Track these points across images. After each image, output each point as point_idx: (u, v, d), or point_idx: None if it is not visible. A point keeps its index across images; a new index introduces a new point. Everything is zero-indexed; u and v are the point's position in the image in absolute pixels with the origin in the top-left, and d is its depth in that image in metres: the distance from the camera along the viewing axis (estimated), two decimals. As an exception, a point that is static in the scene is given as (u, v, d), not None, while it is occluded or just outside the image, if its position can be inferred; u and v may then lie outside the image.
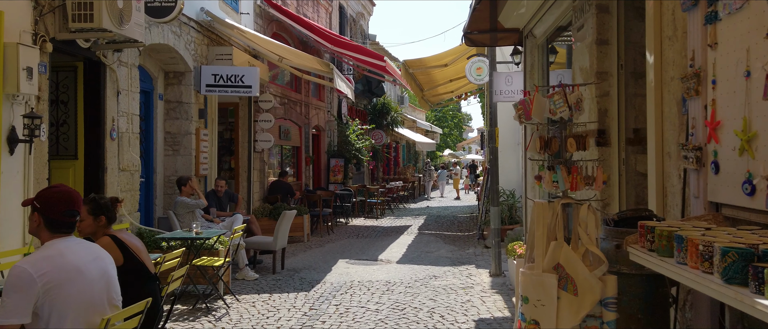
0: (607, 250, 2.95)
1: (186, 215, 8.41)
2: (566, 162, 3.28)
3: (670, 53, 3.44)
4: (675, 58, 3.37)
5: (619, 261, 2.92)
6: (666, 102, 3.47)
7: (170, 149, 9.43)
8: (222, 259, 6.93)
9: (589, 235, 2.77)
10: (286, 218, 9.18)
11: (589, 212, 2.79)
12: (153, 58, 9.04)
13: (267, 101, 12.45)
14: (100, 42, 6.44)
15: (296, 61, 11.08)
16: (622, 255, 2.88)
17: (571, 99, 3.18)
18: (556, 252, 2.79)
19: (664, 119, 3.49)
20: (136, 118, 7.66)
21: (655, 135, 3.51)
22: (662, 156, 3.48)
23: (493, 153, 8.66)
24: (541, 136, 3.42)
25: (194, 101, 9.59)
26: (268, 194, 13.19)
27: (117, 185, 7.07)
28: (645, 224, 2.61)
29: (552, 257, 2.80)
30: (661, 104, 3.50)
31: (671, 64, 3.42)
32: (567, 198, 3.09)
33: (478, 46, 8.22)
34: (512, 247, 7.56)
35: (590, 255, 2.80)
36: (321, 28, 14.05)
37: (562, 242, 2.82)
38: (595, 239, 2.79)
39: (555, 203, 2.91)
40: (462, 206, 22.65)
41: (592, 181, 3.11)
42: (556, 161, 3.27)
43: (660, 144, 3.48)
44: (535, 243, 2.84)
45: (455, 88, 17.28)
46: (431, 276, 8.65)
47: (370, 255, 10.73)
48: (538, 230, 2.84)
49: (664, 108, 3.50)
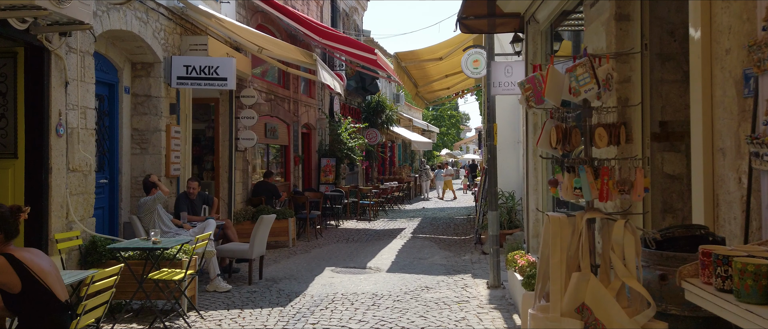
0: (647, 282, 2.13)
1: (149, 218, 7.59)
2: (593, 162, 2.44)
3: (724, 18, 2.62)
4: (732, 23, 2.56)
5: (666, 297, 2.11)
6: (718, 83, 2.66)
7: (138, 147, 8.60)
8: (183, 272, 6.10)
9: (627, 265, 1.95)
10: (263, 223, 8.35)
11: (626, 231, 1.98)
12: (117, 47, 8.21)
13: (249, 96, 11.61)
14: (40, 23, 5.60)
15: (277, 51, 10.25)
16: (671, 291, 2.07)
17: (600, 73, 2.36)
18: (580, 287, 1.98)
19: (714, 106, 2.68)
20: (91, 112, 6.82)
21: (702, 127, 2.69)
22: (712, 154, 2.66)
23: (491, 152, 7.84)
24: (559, 125, 2.58)
25: (165, 95, 8.76)
26: (251, 196, 12.36)
27: (65, 187, 6.24)
28: (712, 252, 1.79)
29: (574, 294, 2.00)
30: (711, 86, 2.69)
31: (726, 31, 2.60)
32: (594, 211, 2.27)
33: (474, 32, 7.42)
34: (512, 257, 6.74)
35: (628, 292, 1.99)
36: (309, 19, 13.21)
37: (588, 274, 2.01)
38: (635, 269, 1.98)
39: (577, 219, 2.10)
40: (459, 208, 21.83)
41: (629, 188, 2.29)
42: (579, 161, 2.43)
43: (709, 139, 2.66)
44: (551, 274, 2.04)
45: (451, 84, 16.49)
46: (423, 287, 7.83)
47: (359, 262, 9.91)
48: (555, 255, 2.04)
49: (714, 91, 2.68)
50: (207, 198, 9.22)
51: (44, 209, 5.93)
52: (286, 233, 11.50)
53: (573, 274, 2.00)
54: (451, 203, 24.82)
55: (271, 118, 13.66)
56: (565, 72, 2.57)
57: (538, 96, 2.77)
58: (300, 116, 15.66)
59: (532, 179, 7.01)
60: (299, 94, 15.83)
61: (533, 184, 7.00)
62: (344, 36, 13.80)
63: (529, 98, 2.88)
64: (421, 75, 14.12)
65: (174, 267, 6.42)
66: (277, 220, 11.16)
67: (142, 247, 6.05)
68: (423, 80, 14.82)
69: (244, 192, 12.16)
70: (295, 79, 15.35)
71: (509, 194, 11.11)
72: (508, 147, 11.33)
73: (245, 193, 12.22)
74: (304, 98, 16.22)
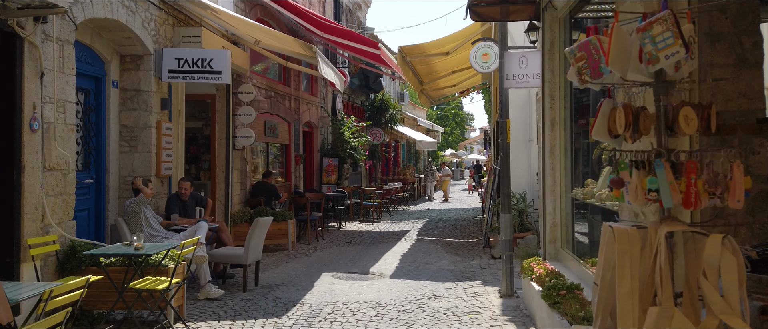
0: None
1: (135, 221, 7.07)
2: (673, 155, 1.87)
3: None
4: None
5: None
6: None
7: (126, 144, 8.07)
8: (167, 281, 5.56)
9: (725, 296, 1.41)
10: (259, 226, 7.82)
11: (725, 251, 1.44)
12: (104, 38, 7.69)
13: (247, 92, 11.09)
14: (9, 6, 5.08)
15: (275, 44, 9.72)
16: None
17: (685, 31, 1.82)
18: (660, 325, 1.44)
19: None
20: (70, 106, 6.30)
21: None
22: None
23: (503, 150, 7.28)
24: (628, 104, 1.99)
25: (155, 90, 8.23)
26: (249, 197, 11.83)
27: (41, 187, 5.71)
28: None
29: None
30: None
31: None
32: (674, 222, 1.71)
33: (485, 21, 6.87)
34: (528, 265, 6.19)
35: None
36: (310, 12, 12.67)
37: (671, 309, 1.47)
38: (738, 303, 1.43)
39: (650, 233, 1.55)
40: (464, 209, 21.26)
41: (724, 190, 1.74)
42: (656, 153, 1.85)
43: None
44: (619, 308, 1.49)
45: (458, 81, 15.93)
46: (430, 296, 7.28)
47: (361, 267, 9.37)
48: (624, 282, 1.49)
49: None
50: (200, 199, 8.69)
51: (16, 211, 5.41)
52: (285, 236, 10.97)
53: (650, 309, 1.47)
54: (455, 204, 24.25)
55: (271, 116, 13.13)
56: (635, 33, 2.00)
57: (595, 67, 2.17)
58: (301, 114, 15.13)
59: (550, 179, 6.45)
60: (300, 91, 15.30)
61: (550, 185, 6.45)
62: (346, 30, 13.26)
63: (582, 70, 2.26)
64: (426, 71, 13.55)
65: (160, 274, 5.89)
66: (276, 222, 10.64)
67: (122, 253, 5.52)
68: (428, 77, 14.25)
69: (242, 193, 11.64)
70: (297, 76, 14.82)
71: (520, 195, 10.56)
72: (518, 146, 10.78)
73: (243, 194, 11.70)
74: (305, 96, 15.70)
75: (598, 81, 2.27)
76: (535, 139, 10.22)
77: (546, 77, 6.46)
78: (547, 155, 6.49)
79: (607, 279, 1.64)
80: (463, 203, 24.40)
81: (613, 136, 2.09)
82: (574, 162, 6.32)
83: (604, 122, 2.11)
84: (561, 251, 6.39)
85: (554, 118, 6.41)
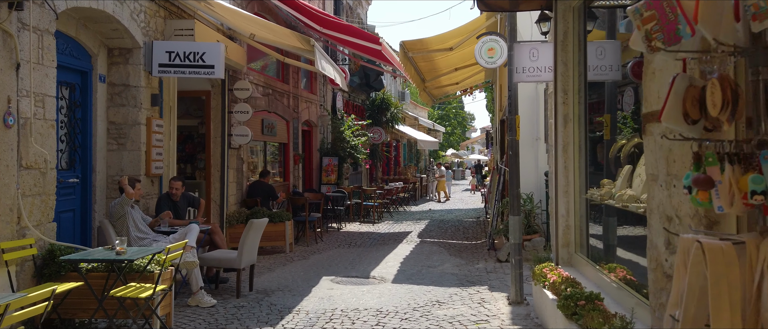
0: None
1: (121, 222, 6.67)
2: None
3: None
4: None
5: None
6: None
7: (114, 142, 7.67)
8: (151, 288, 5.15)
9: None
10: (254, 228, 7.42)
11: None
12: (90, 30, 7.28)
13: (243, 88, 10.69)
14: (-22, -10, 4.68)
15: (271, 37, 9.31)
16: None
17: None
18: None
19: None
20: (50, 100, 5.89)
21: None
22: None
23: (512, 148, 6.86)
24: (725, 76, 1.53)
25: (145, 85, 7.83)
26: (246, 197, 11.43)
27: (16, 187, 5.30)
28: None
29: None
30: None
31: None
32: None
33: (494, 11, 6.48)
34: (541, 271, 5.78)
35: None
36: (309, 6, 12.26)
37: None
38: None
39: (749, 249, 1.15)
40: (467, 210, 20.86)
41: None
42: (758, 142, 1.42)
43: None
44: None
45: (461, 78, 15.52)
46: (434, 302, 6.88)
47: (361, 271, 8.96)
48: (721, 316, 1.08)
49: None
50: (193, 200, 8.29)
51: (-12, 213, 5.01)
52: (282, 238, 10.56)
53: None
54: (458, 204, 23.83)
55: (268, 114, 12.73)
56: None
57: (671, 30, 1.70)
58: (300, 112, 14.72)
59: (563, 179, 6.04)
60: (300, 89, 14.90)
61: (563, 185, 6.04)
62: (346, 25, 12.87)
63: (652, 33, 1.79)
64: (429, 68, 13.14)
65: (145, 281, 5.48)
66: (274, 223, 10.24)
67: (102, 259, 5.11)
68: (431, 74, 13.84)
69: (238, 193, 11.24)
70: (295, 74, 14.42)
71: (527, 195, 10.14)
72: (525, 145, 10.35)
73: (239, 194, 11.29)
74: (304, 94, 15.29)
75: (673, 47, 1.81)
76: (543, 137, 9.81)
77: (559, 70, 6.05)
78: (560, 153, 6.08)
79: (692, 313, 1.23)
80: (465, 204, 24.00)
81: (690, 122, 1.66)
82: (588, 161, 5.92)
83: (679, 103, 1.66)
84: (575, 256, 5.98)
85: (567, 114, 6.00)
